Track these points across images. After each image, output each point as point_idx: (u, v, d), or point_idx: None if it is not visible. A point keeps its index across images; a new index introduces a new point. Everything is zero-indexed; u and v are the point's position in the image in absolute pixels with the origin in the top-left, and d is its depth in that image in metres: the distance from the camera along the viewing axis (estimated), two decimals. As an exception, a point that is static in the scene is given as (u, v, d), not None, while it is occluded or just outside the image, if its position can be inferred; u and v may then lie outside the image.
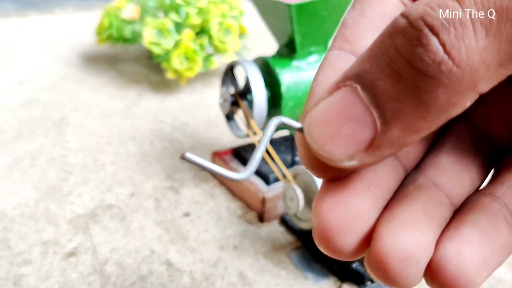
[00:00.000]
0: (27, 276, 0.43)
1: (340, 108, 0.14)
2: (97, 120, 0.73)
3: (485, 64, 0.12)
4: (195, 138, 0.69)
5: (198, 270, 0.45)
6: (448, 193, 0.16)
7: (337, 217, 0.15)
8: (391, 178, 0.16)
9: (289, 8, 0.45)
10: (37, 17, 1.26)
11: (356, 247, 0.15)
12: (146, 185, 0.57)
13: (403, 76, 0.12)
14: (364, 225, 0.15)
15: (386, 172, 0.16)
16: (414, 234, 0.14)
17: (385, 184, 0.16)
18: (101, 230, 0.49)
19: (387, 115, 0.13)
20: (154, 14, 0.84)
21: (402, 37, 0.12)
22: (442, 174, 0.17)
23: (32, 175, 0.58)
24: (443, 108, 0.13)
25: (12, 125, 0.71)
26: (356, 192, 0.15)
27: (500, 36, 0.12)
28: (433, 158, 0.18)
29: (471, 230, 0.15)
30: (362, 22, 0.17)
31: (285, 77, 0.48)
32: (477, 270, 0.14)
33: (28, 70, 0.92)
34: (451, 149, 0.18)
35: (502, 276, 0.47)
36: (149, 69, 0.94)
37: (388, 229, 0.14)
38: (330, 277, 0.45)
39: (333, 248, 0.15)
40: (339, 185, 0.15)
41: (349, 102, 0.13)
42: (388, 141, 0.13)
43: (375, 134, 0.13)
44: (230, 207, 0.54)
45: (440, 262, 0.14)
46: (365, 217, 0.15)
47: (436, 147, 0.18)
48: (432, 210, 0.15)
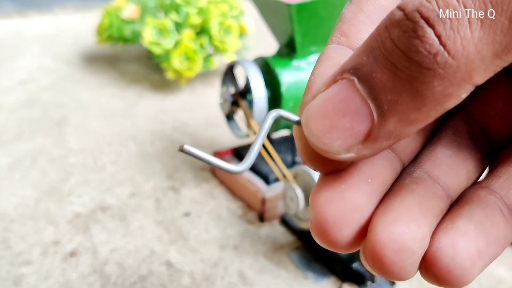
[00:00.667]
0: (27, 276, 0.43)
1: (337, 100, 0.14)
2: (97, 120, 0.73)
3: (481, 55, 0.12)
4: (195, 138, 0.69)
5: (198, 270, 0.45)
6: (445, 186, 0.17)
7: (334, 209, 0.15)
8: (388, 171, 0.16)
9: (289, 8, 0.45)
10: (37, 17, 1.26)
11: (353, 240, 0.15)
12: (146, 185, 0.57)
13: (400, 68, 0.13)
14: (361, 218, 0.15)
15: (383, 165, 0.16)
16: (410, 226, 0.14)
17: (382, 177, 0.16)
18: (101, 230, 0.49)
19: (384, 107, 0.13)
20: (154, 14, 0.84)
21: (398, 29, 0.12)
22: (439, 167, 0.17)
23: (32, 175, 0.58)
24: (439, 100, 0.13)
25: (12, 125, 0.71)
26: (352, 185, 0.15)
27: (495, 27, 0.12)
28: (430, 151, 0.18)
29: (467, 222, 0.15)
30: (360, 16, 0.17)
31: (285, 77, 0.48)
32: (472, 262, 0.14)
33: (28, 70, 0.92)
34: (448, 142, 0.18)
35: (502, 276, 0.47)
36: (149, 69, 0.94)
37: (383, 221, 0.14)
38: (330, 277, 0.45)
39: (330, 240, 0.15)
40: (336, 178, 0.15)
41: (346, 95, 0.14)
42: (385, 133, 0.13)
43: (372, 126, 0.13)
44: (230, 207, 0.54)
45: (435, 254, 0.14)
46: (361, 210, 0.15)
47: (433, 140, 0.18)
48: (428, 202, 0.15)
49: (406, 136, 0.14)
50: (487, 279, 0.46)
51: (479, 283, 0.46)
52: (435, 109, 0.13)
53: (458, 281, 0.14)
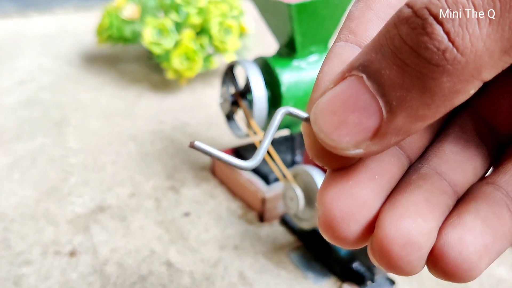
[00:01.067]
0: (28, 276, 0.43)
1: (346, 97, 0.14)
2: (97, 120, 0.73)
3: (489, 51, 0.12)
4: (195, 138, 0.69)
5: (198, 270, 0.45)
6: (451, 182, 0.17)
7: (342, 205, 0.15)
8: (395, 168, 0.16)
9: (289, 7, 0.45)
10: (37, 17, 1.26)
11: (360, 235, 0.15)
12: (146, 185, 0.57)
13: (408, 65, 0.13)
14: (368, 213, 0.15)
15: (390, 162, 0.16)
16: (417, 221, 0.14)
17: (389, 173, 0.16)
18: (101, 230, 0.49)
19: (393, 103, 0.13)
20: (154, 14, 0.84)
21: (407, 26, 0.13)
22: (446, 163, 0.17)
23: (32, 175, 0.58)
24: (447, 96, 0.13)
25: (12, 125, 0.71)
26: (360, 181, 0.15)
27: (504, 24, 0.12)
28: (437, 148, 0.18)
29: (474, 218, 0.15)
30: (368, 14, 0.17)
31: (285, 77, 0.48)
32: (479, 257, 0.14)
33: (28, 70, 0.92)
34: (455, 139, 0.18)
35: (502, 276, 0.47)
36: (149, 69, 0.94)
37: (391, 216, 0.15)
38: (330, 277, 0.45)
39: (338, 236, 0.15)
40: (344, 174, 0.16)
41: (355, 91, 0.14)
42: (393, 129, 0.14)
43: (381, 122, 0.13)
44: (230, 207, 0.54)
45: (442, 249, 0.14)
46: (369, 206, 0.15)
47: (440, 137, 0.18)
48: (435, 198, 0.15)
49: (414, 132, 0.14)
50: (487, 279, 0.46)
51: (480, 283, 0.46)
52: (443, 105, 0.13)
53: (465, 275, 0.14)
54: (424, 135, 0.18)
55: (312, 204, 0.42)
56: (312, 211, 0.42)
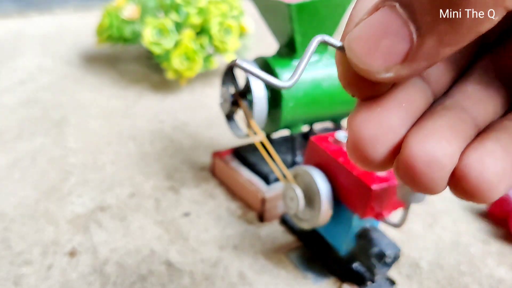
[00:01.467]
0: (27, 276, 0.43)
1: (379, 24, 0.15)
2: (97, 120, 0.73)
3: None
4: (195, 138, 0.69)
5: (198, 270, 0.45)
6: (473, 115, 0.18)
7: (370, 129, 0.16)
8: (421, 99, 0.17)
9: (289, 7, 0.45)
10: (37, 17, 1.26)
11: (386, 157, 0.16)
12: (146, 185, 0.57)
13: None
14: (394, 137, 0.16)
15: (416, 93, 0.17)
16: (441, 142, 0.15)
17: (416, 103, 0.17)
18: (101, 230, 0.49)
19: (423, 28, 0.14)
20: (154, 14, 0.84)
21: None
22: (468, 99, 0.18)
23: (32, 175, 0.58)
24: (473, 22, 0.14)
25: (12, 125, 0.71)
26: (388, 108, 0.16)
27: None
28: (460, 86, 0.19)
29: (494, 143, 0.16)
30: None
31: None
32: (499, 179, 0.15)
33: (28, 70, 0.92)
34: (477, 79, 0.19)
35: (502, 276, 0.47)
36: (149, 69, 0.94)
37: (416, 138, 0.16)
38: (330, 277, 0.45)
39: (365, 157, 0.16)
40: (373, 102, 0.17)
41: (388, 19, 0.15)
42: (423, 53, 0.14)
43: (411, 47, 0.14)
44: (230, 207, 0.54)
45: (464, 169, 0.15)
46: (395, 130, 0.16)
47: (463, 77, 0.19)
48: (458, 125, 0.16)
49: (442, 58, 0.15)
50: (487, 279, 0.46)
51: (480, 283, 0.46)
52: (469, 32, 0.14)
53: (485, 195, 0.15)
54: (449, 72, 0.19)
55: (312, 204, 0.42)
56: (312, 211, 0.42)
